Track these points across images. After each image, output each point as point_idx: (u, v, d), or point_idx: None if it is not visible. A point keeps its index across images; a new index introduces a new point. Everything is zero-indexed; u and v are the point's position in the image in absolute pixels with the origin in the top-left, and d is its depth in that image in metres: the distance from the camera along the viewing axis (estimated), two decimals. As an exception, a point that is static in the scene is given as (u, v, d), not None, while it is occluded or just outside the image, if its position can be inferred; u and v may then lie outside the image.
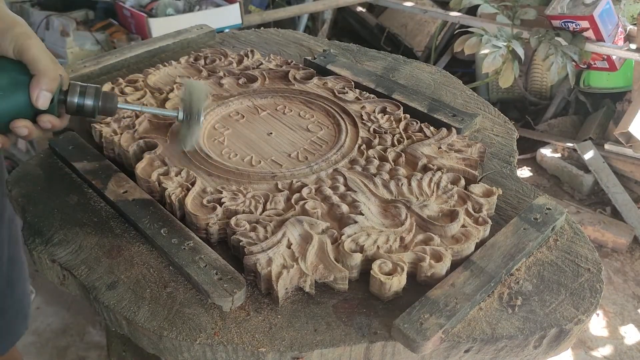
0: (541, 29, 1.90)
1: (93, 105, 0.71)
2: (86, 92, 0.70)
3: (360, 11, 2.79)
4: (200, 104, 0.76)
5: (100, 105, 0.71)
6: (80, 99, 0.70)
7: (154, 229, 0.70)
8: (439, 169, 0.79)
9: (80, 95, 0.70)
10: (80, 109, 0.71)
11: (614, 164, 1.99)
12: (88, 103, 0.71)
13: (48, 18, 2.03)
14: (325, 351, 0.60)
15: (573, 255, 0.71)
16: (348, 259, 0.65)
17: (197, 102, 0.76)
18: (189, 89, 0.77)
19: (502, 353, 0.64)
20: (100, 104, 0.71)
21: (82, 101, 0.70)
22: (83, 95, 0.70)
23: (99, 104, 0.71)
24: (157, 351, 0.64)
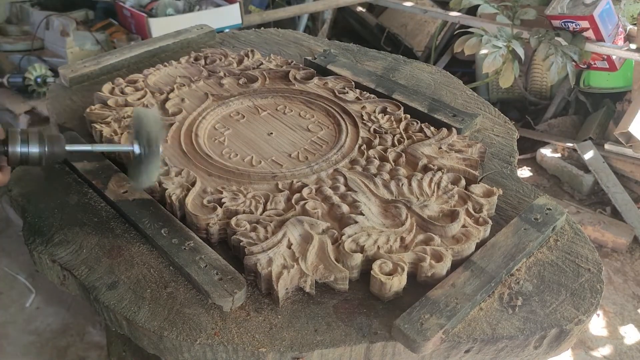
0: (541, 29, 1.90)
1: (39, 152, 0.63)
2: (29, 138, 0.62)
3: (360, 11, 2.79)
4: (157, 133, 0.68)
5: (47, 151, 0.63)
6: (23, 147, 0.62)
7: (154, 229, 0.70)
8: (440, 169, 0.79)
9: (23, 143, 0.62)
10: (24, 158, 0.63)
11: (614, 164, 1.98)
12: (33, 151, 0.62)
13: (48, 18, 2.03)
14: (326, 351, 0.60)
15: (573, 256, 0.71)
16: (348, 259, 0.65)
17: (151, 131, 0.68)
18: (140, 118, 0.69)
19: (502, 353, 0.64)
20: (47, 149, 0.63)
21: (27, 149, 0.62)
22: (26, 142, 0.62)
23: (46, 149, 0.63)
24: (158, 351, 0.64)
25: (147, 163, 0.68)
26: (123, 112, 0.88)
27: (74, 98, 0.99)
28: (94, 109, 0.89)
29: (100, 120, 0.86)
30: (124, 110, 0.88)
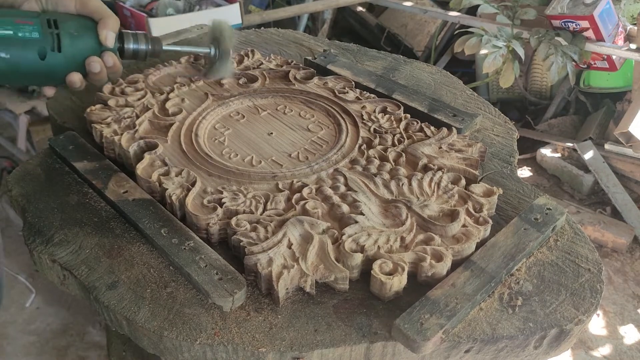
0: (541, 29, 1.90)
1: (146, 49, 0.79)
2: (138, 38, 0.79)
3: (360, 11, 2.79)
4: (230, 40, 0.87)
5: (150, 48, 0.80)
6: (135, 45, 0.78)
7: (154, 229, 0.70)
8: (440, 168, 0.79)
9: (135, 42, 0.78)
10: (135, 53, 0.79)
11: (614, 164, 1.99)
12: (142, 48, 0.79)
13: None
14: (326, 351, 0.60)
15: (573, 256, 0.71)
16: (349, 259, 0.65)
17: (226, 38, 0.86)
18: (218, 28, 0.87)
19: (502, 353, 0.64)
20: (150, 47, 0.80)
21: (137, 46, 0.79)
22: (136, 41, 0.78)
23: (149, 47, 0.80)
24: (158, 351, 0.64)
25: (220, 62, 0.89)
26: (123, 113, 0.88)
27: (73, 98, 0.99)
28: (94, 109, 0.89)
29: (100, 121, 0.86)
30: (124, 110, 0.89)
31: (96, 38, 0.74)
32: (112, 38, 0.75)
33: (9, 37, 0.69)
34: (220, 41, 0.87)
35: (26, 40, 0.70)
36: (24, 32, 0.70)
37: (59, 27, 0.72)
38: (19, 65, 0.71)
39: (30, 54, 0.70)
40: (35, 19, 0.71)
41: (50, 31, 0.71)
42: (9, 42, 0.69)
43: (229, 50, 0.87)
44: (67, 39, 0.72)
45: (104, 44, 0.74)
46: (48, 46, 0.71)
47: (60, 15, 0.73)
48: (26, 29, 0.70)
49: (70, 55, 0.72)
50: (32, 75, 0.73)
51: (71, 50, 0.72)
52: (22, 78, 0.73)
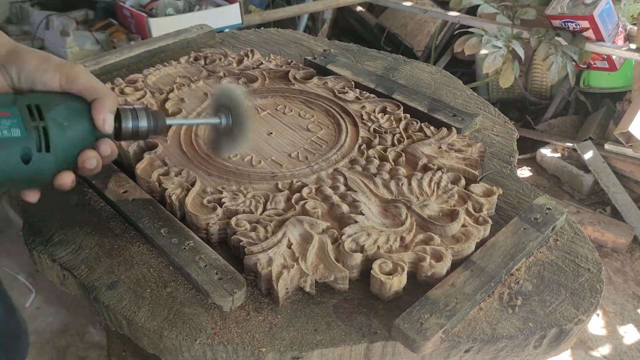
0: (541, 29, 1.90)
1: (147, 127, 0.65)
2: (138, 114, 0.64)
3: (360, 11, 2.79)
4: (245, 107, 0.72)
5: (152, 125, 0.65)
6: (134, 123, 0.64)
7: (154, 229, 0.70)
8: (439, 168, 0.79)
9: (134, 119, 0.64)
10: (135, 133, 0.64)
11: (614, 164, 1.98)
12: (143, 125, 0.64)
13: (48, 18, 2.04)
14: (326, 351, 0.60)
15: (573, 255, 0.71)
16: (348, 258, 0.65)
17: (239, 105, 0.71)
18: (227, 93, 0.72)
19: (502, 353, 0.64)
20: (153, 124, 0.65)
21: (137, 124, 0.64)
22: (136, 118, 0.64)
23: (152, 124, 0.65)
24: (157, 351, 0.64)
25: (233, 133, 0.72)
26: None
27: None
28: (93, 108, 0.89)
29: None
30: None
31: (90, 124, 0.59)
32: (110, 122, 0.61)
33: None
34: (232, 107, 0.71)
35: (4, 141, 0.53)
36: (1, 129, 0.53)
37: (44, 117, 0.55)
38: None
39: (12, 158, 0.54)
40: (12, 109, 0.54)
41: (34, 124, 0.55)
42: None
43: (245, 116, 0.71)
44: (57, 133, 0.56)
45: (102, 130, 0.60)
46: (33, 146, 0.54)
47: (42, 99, 0.57)
48: (4, 124, 0.53)
49: (61, 152, 0.57)
50: (12, 182, 0.57)
51: (62, 147, 0.57)
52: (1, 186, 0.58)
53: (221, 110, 0.72)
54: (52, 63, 0.59)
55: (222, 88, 0.74)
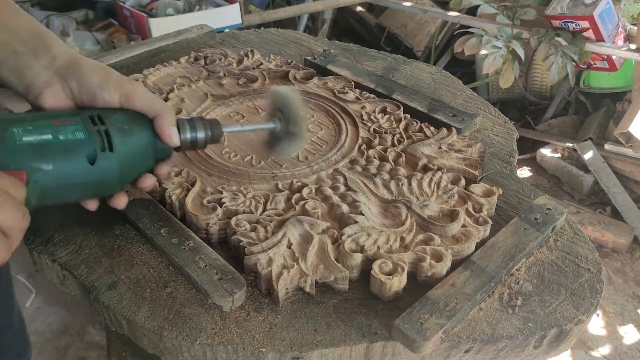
0: (541, 29, 1.90)
1: (205, 137, 0.66)
2: (195, 125, 0.65)
3: (360, 11, 2.79)
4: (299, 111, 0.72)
5: (210, 135, 0.66)
6: (192, 134, 0.65)
7: (154, 229, 0.70)
8: (439, 168, 0.79)
9: (192, 130, 0.65)
10: (193, 143, 0.65)
11: (614, 164, 1.99)
12: (200, 136, 0.65)
13: (48, 18, 2.04)
14: (326, 351, 0.60)
15: (573, 256, 0.71)
16: (348, 259, 0.65)
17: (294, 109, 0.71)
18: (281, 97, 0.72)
19: (502, 353, 0.64)
20: (210, 134, 0.66)
21: (195, 135, 0.65)
22: (194, 128, 0.65)
23: (209, 134, 0.66)
24: (157, 351, 0.64)
25: (288, 137, 0.72)
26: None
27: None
28: (93, 109, 0.89)
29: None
30: None
31: (151, 131, 0.62)
32: (176, 136, 0.63)
33: (49, 143, 0.55)
34: (287, 112, 0.71)
35: (70, 143, 0.56)
36: (66, 134, 0.56)
37: (105, 122, 0.58)
38: (65, 177, 0.56)
39: (78, 159, 0.56)
40: (75, 118, 0.58)
41: (96, 128, 0.58)
42: (49, 150, 0.55)
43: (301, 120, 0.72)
44: (117, 134, 0.58)
45: (170, 143, 0.63)
46: (97, 147, 0.57)
47: (102, 111, 0.60)
48: (68, 130, 0.56)
49: (125, 153, 0.59)
50: (82, 186, 0.58)
51: (124, 148, 0.59)
52: (71, 191, 0.58)
53: (276, 114, 0.72)
54: (111, 81, 0.61)
55: (276, 91, 0.74)
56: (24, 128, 0.55)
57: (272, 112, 0.73)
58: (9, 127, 0.54)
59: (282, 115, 0.72)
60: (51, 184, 0.56)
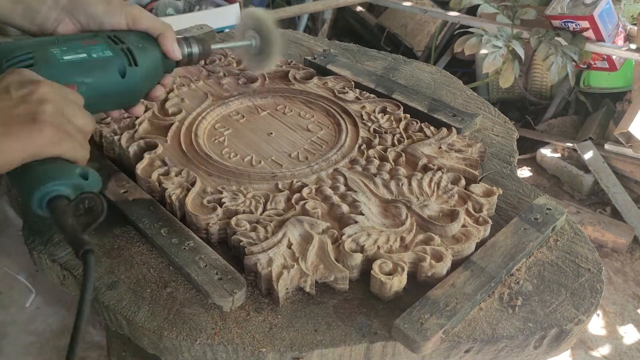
0: (541, 29, 1.90)
1: (198, 52, 0.76)
2: (190, 42, 0.75)
3: (360, 11, 2.79)
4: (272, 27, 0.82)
5: (201, 50, 0.76)
6: (188, 49, 0.75)
7: (154, 229, 0.70)
8: (439, 168, 0.79)
9: (187, 46, 0.75)
10: (189, 58, 0.76)
11: (614, 164, 1.98)
12: (195, 51, 0.76)
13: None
14: (326, 351, 0.60)
15: (573, 256, 0.71)
16: (348, 259, 0.65)
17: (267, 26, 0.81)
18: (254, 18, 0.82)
19: (502, 353, 0.64)
20: (202, 49, 0.76)
21: (190, 50, 0.75)
22: (189, 45, 0.75)
23: (201, 49, 0.76)
24: (157, 351, 0.64)
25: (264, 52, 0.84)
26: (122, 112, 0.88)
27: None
28: (93, 108, 0.89)
29: (99, 120, 0.86)
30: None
31: (158, 48, 0.71)
32: (178, 50, 0.73)
33: (85, 61, 0.64)
34: (262, 30, 0.82)
35: (102, 60, 0.65)
36: (97, 52, 0.65)
37: (124, 42, 0.67)
38: (102, 88, 0.65)
39: (112, 73, 0.66)
40: (97, 39, 0.67)
41: (119, 47, 0.67)
42: (87, 66, 0.64)
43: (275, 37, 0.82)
44: (138, 52, 0.68)
45: (172, 57, 0.72)
46: (125, 62, 0.66)
47: (116, 32, 0.69)
48: (97, 49, 0.65)
49: (145, 68, 0.68)
50: (116, 95, 0.68)
51: (145, 63, 0.68)
52: (106, 101, 0.68)
53: (250, 33, 0.83)
54: (116, 6, 0.69)
55: (249, 12, 0.84)
56: (60, 49, 0.63)
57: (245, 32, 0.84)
58: (48, 48, 0.63)
59: (256, 34, 0.83)
60: (92, 94, 0.64)
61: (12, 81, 0.54)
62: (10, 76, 0.54)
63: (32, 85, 0.54)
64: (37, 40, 0.65)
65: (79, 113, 0.57)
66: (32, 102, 0.52)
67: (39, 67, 0.60)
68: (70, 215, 0.51)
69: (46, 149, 0.52)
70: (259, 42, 0.83)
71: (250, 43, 0.83)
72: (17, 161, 0.51)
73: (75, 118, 0.56)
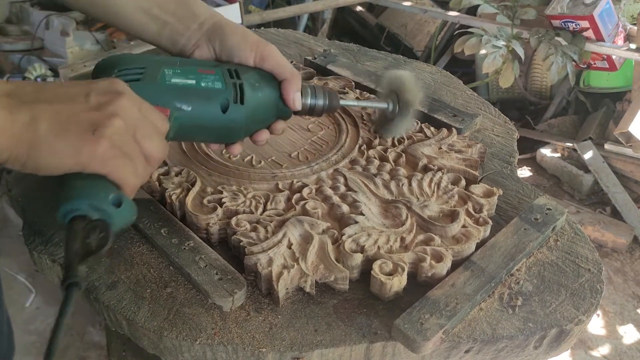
0: (541, 29, 1.90)
1: (323, 105, 0.73)
2: (316, 92, 0.72)
3: (360, 11, 2.79)
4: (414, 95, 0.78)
5: (327, 104, 0.73)
6: (312, 100, 0.72)
7: (154, 229, 0.70)
8: (440, 169, 0.79)
9: (313, 97, 0.72)
10: (312, 109, 0.72)
11: (614, 164, 1.99)
12: (319, 103, 0.72)
13: (48, 18, 2.04)
14: (326, 351, 0.60)
15: (573, 256, 0.71)
16: (348, 259, 0.65)
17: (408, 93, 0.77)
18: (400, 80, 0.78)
19: (502, 353, 0.64)
20: (328, 102, 0.73)
21: (315, 102, 0.72)
22: (314, 96, 0.72)
23: (327, 102, 0.73)
24: (157, 351, 0.64)
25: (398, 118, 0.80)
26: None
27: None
28: (94, 108, 0.89)
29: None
30: None
31: (277, 92, 0.69)
32: (299, 101, 0.70)
33: (192, 88, 0.62)
34: (401, 95, 0.78)
35: (209, 90, 0.63)
36: (207, 82, 0.63)
37: (240, 77, 0.65)
38: (200, 118, 0.63)
39: (212, 105, 0.63)
40: (216, 69, 0.65)
41: (232, 81, 0.65)
42: (189, 93, 0.62)
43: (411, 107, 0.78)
44: (250, 90, 0.65)
45: (292, 107, 0.69)
46: (231, 98, 0.64)
47: (239, 67, 0.67)
48: (209, 78, 0.64)
49: (252, 108, 0.65)
50: (212, 129, 0.65)
51: (253, 103, 0.66)
52: (201, 132, 0.66)
53: (390, 95, 0.79)
54: (249, 42, 0.68)
55: (394, 73, 0.80)
56: (174, 70, 0.63)
57: (387, 93, 0.80)
58: (162, 67, 0.62)
59: (396, 98, 0.78)
60: (187, 123, 0.62)
61: (96, 87, 0.51)
62: (100, 83, 0.52)
63: (113, 95, 0.51)
64: (160, 58, 0.65)
65: (153, 137, 0.53)
66: (104, 113, 0.49)
67: (141, 84, 0.60)
68: (80, 240, 0.48)
69: (93, 163, 0.49)
70: (397, 108, 0.79)
71: (387, 106, 0.79)
72: (64, 167, 0.48)
73: (145, 142, 0.52)
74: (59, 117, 0.48)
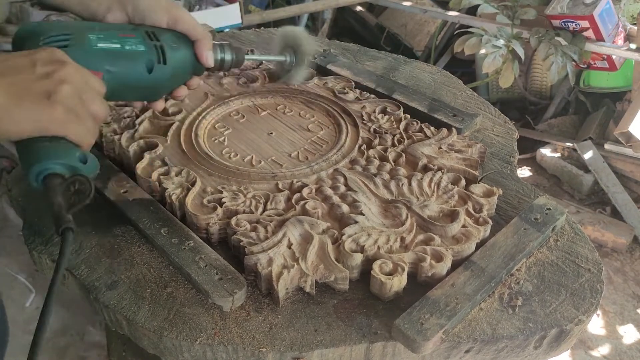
0: (541, 29, 1.90)
1: (231, 59, 0.79)
2: (224, 49, 0.78)
3: (360, 11, 2.79)
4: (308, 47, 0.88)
5: (235, 58, 0.79)
6: (221, 55, 0.78)
7: (154, 229, 0.70)
8: (440, 169, 0.79)
9: (221, 52, 0.78)
10: (221, 64, 0.78)
11: (614, 163, 1.98)
12: (227, 58, 0.78)
13: (48, 18, 2.03)
14: (326, 351, 0.60)
15: (573, 256, 0.71)
16: (348, 259, 0.65)
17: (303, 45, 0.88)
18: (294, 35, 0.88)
19: (502, 353, 0.64)
20: (235, 57, 0.79)
21: (223, 57, 0.78)
22: (223, 51, 0.78)
23: (234, 57, 0.79)
24: (158, 351, 0.64)
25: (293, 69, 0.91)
26: (123, 112, 0.88)
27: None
28: (94, 108, 0.89)
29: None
30: (124, 109, 0.89)
31: (191, 51, 0.73)
32: (212, 58, 0.75)
33: (117, 51, 0.66)
34: (297, 48, 0.88)
35: (133, 53, 0.67)
36: (130, 45, 0.67)
37: (159, 39, 0.70)
38: (127, 79, 0.67)
39: (139, 67, 0.68)
40: (135, 32, 0.69)
41: (153, 43, 0.69)
42: (117, 56, 0.66)
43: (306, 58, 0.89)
44: (170, 51, 0.70)
45: (205, 64, 0.75)
46: (154, 59, 0.68)
47: (155, 29, 0.71)
48: (131, 41, 0.68)
49: (173, 67, 0.70)
50: (140, 89, 0.70)
51: (174, 62, 0.70)
52: (129, 92, 0.71)
53: (286, 49, 0.89)
54: (161, 5, 0.72)
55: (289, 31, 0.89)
56: (97, 36, 0.66)
57: (282, 48, 0.90)
58: (86, 33, 0.65)
59: (292, 51, 0.89)
60: (117, 84, 0.66)
61: (40, 57, 0.56)
62: (41, 52, 0.56)
63: (57, 64, 0.56)
64: (78, 24, 0.67)
65: (96, 100, 0.58)
66: (53, 81, 0.54)
67: (71, 50, 0.62)
68: (60, 194, 0.53)
69: (53, 127, 0.53)
70: (293, 59, 0.89)
71: (285, 59, 0.89)
72: (25, 132, 0.53)
73: (90, 104, 0.57)
74: (14, 88, 0.52)
